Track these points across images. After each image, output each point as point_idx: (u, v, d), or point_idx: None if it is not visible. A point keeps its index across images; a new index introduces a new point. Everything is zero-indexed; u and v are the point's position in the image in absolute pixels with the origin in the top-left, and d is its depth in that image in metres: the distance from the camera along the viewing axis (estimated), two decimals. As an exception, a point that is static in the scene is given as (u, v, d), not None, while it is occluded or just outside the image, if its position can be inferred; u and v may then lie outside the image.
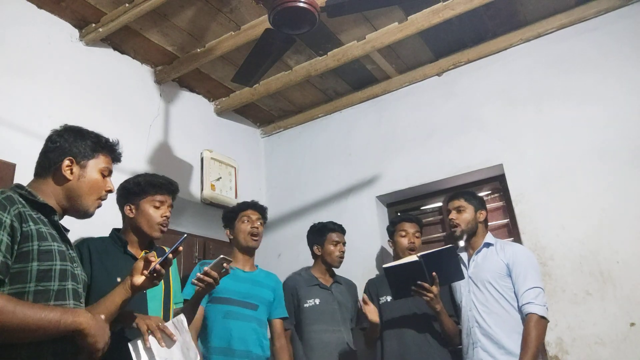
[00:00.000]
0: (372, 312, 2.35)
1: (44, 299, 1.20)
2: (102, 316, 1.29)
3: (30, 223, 1.23)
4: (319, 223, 2.80)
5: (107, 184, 1.47)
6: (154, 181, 1.96)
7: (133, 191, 1.94)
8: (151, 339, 1.51)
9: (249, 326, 2.27)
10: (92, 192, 1.42)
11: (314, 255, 2.75)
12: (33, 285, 1.19)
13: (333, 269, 2.75)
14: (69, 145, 1.41)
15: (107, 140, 1.51)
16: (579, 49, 2.74)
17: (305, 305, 2.58)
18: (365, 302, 2.35)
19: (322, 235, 2.71)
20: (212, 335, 2.20)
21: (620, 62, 2.61)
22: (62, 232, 1.35)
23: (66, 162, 1.39)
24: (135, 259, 1.82)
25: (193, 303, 1.98)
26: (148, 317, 1.58)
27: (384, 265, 2.22)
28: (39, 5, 2.43)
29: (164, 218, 1.92)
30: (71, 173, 1.39)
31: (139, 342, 1.51)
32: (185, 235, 1.51)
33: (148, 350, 1.50)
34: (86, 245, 1.84)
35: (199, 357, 1.59)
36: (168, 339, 1.54)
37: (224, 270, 1.88)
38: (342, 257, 2.70)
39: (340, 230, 2.75)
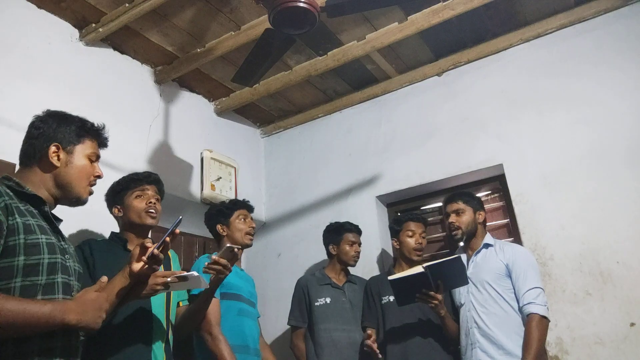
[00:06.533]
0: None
1: (31, 293, 1.16)
2: (104, 295, 1.27)
3: (17, 216, 1.18)
4: (335, 222, 2.80)
5: (95, 169, 1.44)
6: (133, 176, 2.05)
7: (117, 191, 2.03)
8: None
9: (255, 324, 2.33)
10: (81, 178, 1.39)
11: (329, 255, 2.76)
12: (20, 280, 1.15)
13: (348, 268, 2.75)
14: (53, 131, 1.38)
15: (92, 124, 1.47)
16: (579, 49, 2.74)
17: (316, 303, 2.59)
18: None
19: (338, 234, 2.72)
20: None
21: (621, 63, 2.60)
22: (52, 223, 1.30)
23: (52, 148, 1.35)
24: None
25: (209, 294, 1.95)
26: (153, 277, 1.49)
27: (389, 278, 2.22)
28: (39, 5, 2.43)
29: (150, 204, 1.99)
30: (58, 160, 1.35)
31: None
32: (181, 217, 1.46)
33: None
34: (87, 244, 1.90)
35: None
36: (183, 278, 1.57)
37: (231, 252, 1.87)
38: (357, 257, 2.71)
39: (357, 230, 2.76)
